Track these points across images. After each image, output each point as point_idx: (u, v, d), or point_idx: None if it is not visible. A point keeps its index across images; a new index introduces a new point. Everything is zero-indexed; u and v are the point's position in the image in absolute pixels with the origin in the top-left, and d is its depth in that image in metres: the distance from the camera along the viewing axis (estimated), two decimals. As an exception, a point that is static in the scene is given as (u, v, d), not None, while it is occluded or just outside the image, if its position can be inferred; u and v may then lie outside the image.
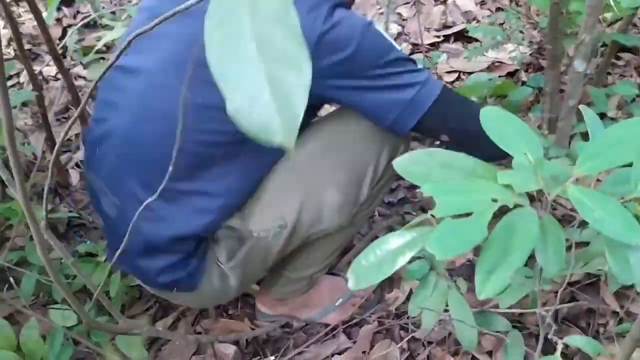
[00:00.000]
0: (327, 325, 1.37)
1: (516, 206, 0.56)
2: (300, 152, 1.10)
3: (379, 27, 0.99)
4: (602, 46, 1.85)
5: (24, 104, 1.84)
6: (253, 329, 1.39)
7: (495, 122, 0.59)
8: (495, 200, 0.53)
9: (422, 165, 0.55)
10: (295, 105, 0.35)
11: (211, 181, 1.05)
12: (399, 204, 1.64)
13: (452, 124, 1.08)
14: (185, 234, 1.06)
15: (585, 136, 1.58)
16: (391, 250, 0.59)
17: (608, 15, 1.72)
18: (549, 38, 1.46)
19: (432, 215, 0.54)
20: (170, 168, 0.67)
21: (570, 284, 1.25)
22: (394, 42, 1.01)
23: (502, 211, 0.57)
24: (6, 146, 0.60)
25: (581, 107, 0.73)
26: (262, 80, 0.35)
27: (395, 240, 0.59)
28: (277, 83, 0.35)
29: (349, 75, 0.98)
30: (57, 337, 1.25)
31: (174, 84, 0.95)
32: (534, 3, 1.62)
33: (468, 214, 0.53)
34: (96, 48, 1.74)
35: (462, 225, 0.52)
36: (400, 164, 0.57)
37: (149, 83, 1.02)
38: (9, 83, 2.10)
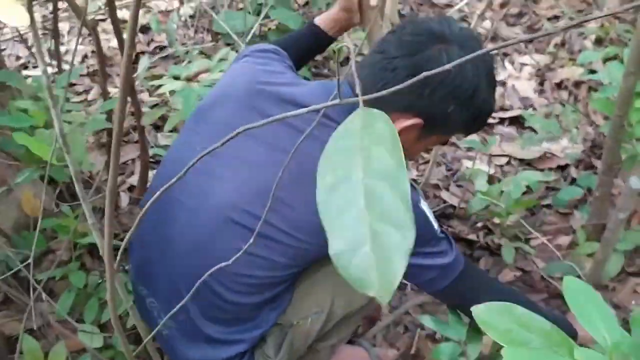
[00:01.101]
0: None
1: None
2: None
3: (424, 204, 1.04)
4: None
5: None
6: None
7: (576, 294, 0.60)
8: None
9: (502, 318, 0.55)
10: (395, 264, 0.37)
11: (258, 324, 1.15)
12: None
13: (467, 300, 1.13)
14: (231, 356, 1.15)
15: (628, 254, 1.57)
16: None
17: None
18: (607, 146, 1.47)
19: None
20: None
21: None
22: (433, 219, 1.05)
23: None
24: (107, 195, 0.64)
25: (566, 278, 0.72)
26: (365, 232, 0.38)
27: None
28: (380, 239, 0.38)
29: None
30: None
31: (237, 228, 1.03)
32: (597, 106, 1.64)
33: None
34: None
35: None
36: (480, 312, 0.58)
37: (219, 214, 1.06)
38: (78, 99, 2.20)
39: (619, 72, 1.44)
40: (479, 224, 1.79)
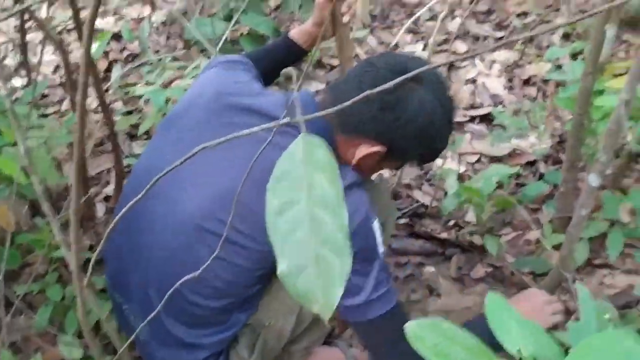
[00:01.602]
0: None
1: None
2: None
3: (376, 225, 1.07)
4: (622, 147, 1.91)
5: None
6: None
7: (497, 310, 0.64)
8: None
9: (430, 333, 0.58)
10: (335, 286, 0.42)
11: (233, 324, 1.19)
12: (406, 280, 1.68)
13: (380, 343, 1.14)
14: (206, 357, 1.18)
15: (591, 240, 1.62)
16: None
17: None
18: (569, 144, 1.52)
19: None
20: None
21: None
22: (381, 245, 1.08)
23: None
24: (70, 216, 0.66)
25: (577, 285, 0.78)
26: (310, 255, 0.43)
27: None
28: (323, 263, 0.43)
29: None
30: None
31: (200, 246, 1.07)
32: (561, 104, 1.69)
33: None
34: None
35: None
36: (412, 328, 0.60)
37: (189, 221, 1.09)
38: (51, 110, 2.21)
39: (581, 70, 1.48)
40: (451, 222, 1.83)
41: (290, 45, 1.43)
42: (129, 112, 2.12)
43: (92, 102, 2.19)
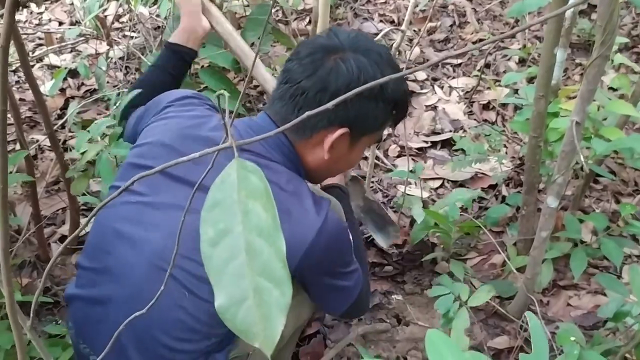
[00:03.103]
0: None
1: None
2: None
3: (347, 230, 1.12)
4: (581, 168, 1.93)
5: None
6: None
7: (436, 345, 0.62)
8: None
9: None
10: (275, 319, 0.39)
11: None
12: (373, 309, 1.65)
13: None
14: None
15: (556, 260, 1.62)
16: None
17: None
18: (527, 166, 1.53)
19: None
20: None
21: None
22: (351, 247, 1.14)
23: None
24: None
25: (527, 313, 0.77)
26: (247, 287, 0.40)
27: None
28: (261, 294, 0.40)
29: (312, 269, 1.07)
30: None
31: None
32: (516, 128, 1.70)
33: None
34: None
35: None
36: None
37: (151, 262, 1.04)
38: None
39: (533, 94, 1.50)
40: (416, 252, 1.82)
41: (175, 49, 1.42)
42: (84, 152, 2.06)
43: (45, 140, 2.13)
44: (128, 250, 1.06)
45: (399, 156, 2.20)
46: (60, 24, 2.86)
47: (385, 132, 2.26)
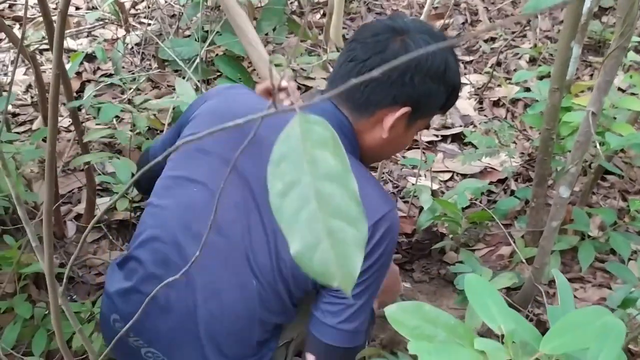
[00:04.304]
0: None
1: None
2: None
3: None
4: (589, 165, 1.96)
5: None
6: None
7: (476, 290, 0.65)
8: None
9: (411, 316, 0.59)
10: (353, 256, 0.41)
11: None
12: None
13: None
14: None
15: (563, 253, 1.65)
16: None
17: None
18: (538, 159, 1.55)
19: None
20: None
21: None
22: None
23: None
24: (44, 227, 0.65)
25: (554, 271, 0.80)
26: (321, 229, 0.42)
27: None
28: (336, 234, 0.42)
29: None
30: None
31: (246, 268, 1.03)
32: (529, 122, 1.73)
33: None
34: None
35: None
36: (392, 312, 0.61)
37: (224, 257, 1.04)
38: (22, 129, 2.17)
39: (546, 89, 1.53)
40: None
41: None
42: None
43: (63, 121, 2.16)
44: (214, 237, 1.05)
45: (409, 149, 2.22)
46: (77, 8, 2.89)
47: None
